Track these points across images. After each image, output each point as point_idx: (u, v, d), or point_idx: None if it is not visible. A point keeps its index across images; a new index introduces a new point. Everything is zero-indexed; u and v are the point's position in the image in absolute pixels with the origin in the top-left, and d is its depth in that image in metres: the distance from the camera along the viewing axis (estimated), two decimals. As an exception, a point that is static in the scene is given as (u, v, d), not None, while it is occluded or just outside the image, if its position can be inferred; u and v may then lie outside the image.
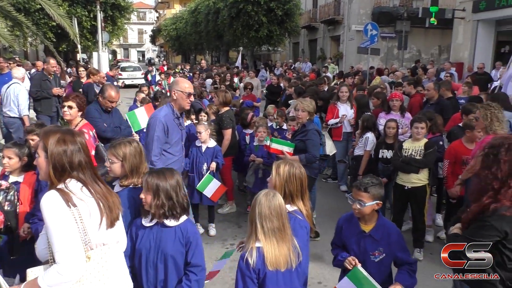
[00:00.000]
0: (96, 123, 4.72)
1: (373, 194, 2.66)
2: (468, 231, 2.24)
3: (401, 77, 11.47)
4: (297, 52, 31.33)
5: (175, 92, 3.97)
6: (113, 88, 4.92)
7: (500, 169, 2.18)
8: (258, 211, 2.34)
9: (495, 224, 2.13)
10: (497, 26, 14.83)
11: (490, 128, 4.42)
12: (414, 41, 21.09)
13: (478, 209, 2.20)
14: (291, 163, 2.83)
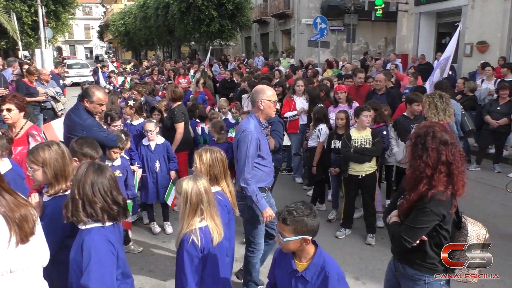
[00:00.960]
0: (105, 134, 4.21)
1: (295, 228, 2.17)
2: (409, 219, 2.34)
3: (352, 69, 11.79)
4: (250, 46, 31.40)
5: (262, 101, 3.58)
6: (99, 89, 4.32)
7: (430, 157, 2.30)
8: (192, 193, 2.45)
9: (434, 209, 2.26)
10: (438, 18, 15.60)
11: (435, 116, 4.67)
12: (362, 33, 21.73)
13: (416, 197, 2.31)
14: (211, 149, 3.06)
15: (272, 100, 3.60)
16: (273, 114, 3.71)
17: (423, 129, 2.37)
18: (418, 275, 2.44)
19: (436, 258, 2.43)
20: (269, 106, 3.60)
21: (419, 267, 2.42)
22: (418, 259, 2.42)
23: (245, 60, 22.13)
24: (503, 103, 7.61)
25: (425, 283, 2.42)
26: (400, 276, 2.56)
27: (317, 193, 6.09)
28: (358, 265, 4.53)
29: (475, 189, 6.83)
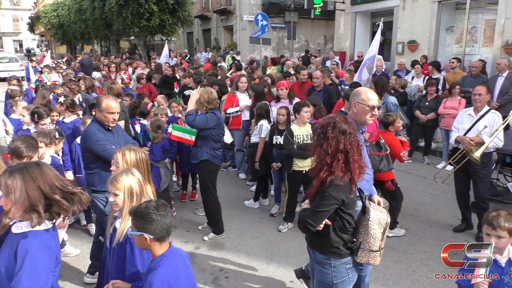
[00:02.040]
0: (104, 148, 3.75)
1: (137, 223, 2.15)
2: (313, 204, 2.51)
3: (292, 66, 12.04)
4: (192, 42, 30.97)
5: (356, 104, 3.32)
6: (109, 97, 3.94)
7: (329, 145, 2.49)
8: (135, 186, 2.45)
9: (333, 194, 2.43)
10: (372, 18, 16.31)
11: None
12: (302, 31, 22.22)
13: (319, 183, 2.49)
14: (135, 149, 2.96)
15: (367, 105, 3.22)
16: (368, 120, 3.30)
17: (326, 120, 2.55)
18: (325, 259, 2.59)
19: (340, 242, 2.60)
20: (363, 110, 3.23)
21: (326, 251, 2.58)
22: (324, 243, 2.57)
23: (187, 56, 21.81)
24: (430, 99, 8.15)
25: (331, 267, 2.59)
26: (312, 261, 2.74)
27: (260, 188, 6.17)
28: (301, 257, 4.66)
29: (406, 180, 7.28)
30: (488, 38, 11.93)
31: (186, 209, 6.12)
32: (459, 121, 5.20)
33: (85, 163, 3.93)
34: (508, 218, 2.58)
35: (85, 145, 3.83)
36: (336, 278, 2.60)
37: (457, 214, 5.49)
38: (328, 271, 2.61)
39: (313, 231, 2.50)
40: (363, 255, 2.64)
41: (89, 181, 3.93)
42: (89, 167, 3.89)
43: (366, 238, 2.61)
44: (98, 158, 3.78)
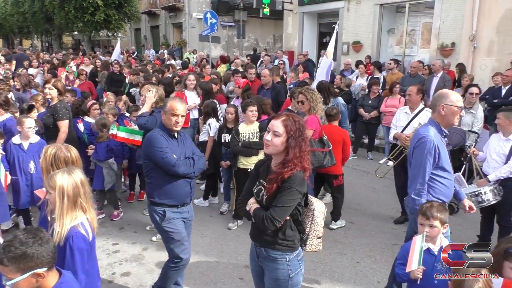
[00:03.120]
0: (163, 155, 3.36)
1: (18, 266, 1.83)
2: (277, 201, 2.46)
3: (241, 65, 12.09)
4: (139, 38, 30.19)
5: (444, 106, 3.21)
6: (175, 98, 3.60)
7: (305, 145, 2.54)
8: (68, 187, 2.35)
9: (298, 188, 2.47)
10: (319, 19, 16.76)
11: (314, 109, 5.06)
12: (251, 30, 22.36)
13: (281, 180, 2.47)
14: (59, 146, 2.81)
15: (456, 106, 3.18)
16: (455, 122, 3.28)
17: (297, 120, 2.53)
18: (281, 255, 2.60)
19: (295, 235, 2.64)
20: (451, 112, 3.19)
21: (281, 246, 2.59)
22: (280, 239, 2.58)
23: (135, 53, 21.24)
24: (373, 97, 8.52)
25: (287, 261, 2.62)
26: (263, 260, 2.68)
27: (210, 186, 6.16)
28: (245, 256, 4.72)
29: (351, 175, 7.56)
30: (426, 40, 12.65)
31: (133, 209, 5.99)
32: (396, 118, 5.49)
33: (145, 171, 3.60)
34: (440, 208, 2.77)
35: (146, 150, 3.50)
36: (292, 271, 2.64)
37: (398, 207, 5.79)
38: (283, 266, 2.62)
39: (273, 229, 2.50)
40: (311, 244, 2.75)
41: (148, 191, 3.68)
42: (148, 175, 3.57)
43: (313, 227, 2.73)
44: (157, 166, 3.45)
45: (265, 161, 2.71)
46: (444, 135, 3.35)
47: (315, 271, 4.38)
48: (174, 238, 3.54)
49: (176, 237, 3.54)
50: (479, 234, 4.93)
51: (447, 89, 8.37)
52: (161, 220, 3.49)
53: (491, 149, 4.79)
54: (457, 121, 3.31)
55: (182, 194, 3.52)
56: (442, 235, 2.83)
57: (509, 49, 10.07)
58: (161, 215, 3.49)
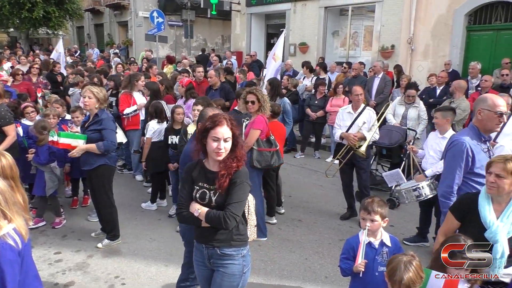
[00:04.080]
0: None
1: None
2: (232, 197, 2.50)
3: (189, 65, 11.96)
4: (82, 37, 28.97)
5: (481, 110, 3.12)
6: (215, 110, 3.40)
7: (240, 140, 2.64)
8: None
9: (247, 181, 2.55)
10: (267, 20, 16.97)
11: (264, 109, 5.11)
12: (199, 30, 22.19)
13: (231, 176, 2.53)
14: (2, 153, 2.61)
15: (495, 111, 3.09)
16: (495, 127, 3.23)
17: (233, 123, 2.59)
18: (236, 251, 2.62)
19: (245, 229, 2.71)
20: (488, 118, 3.13)
21: (237, 242, 2.62)
22: (235, 234, 2.60)
23: (77, 52, 20.36)
24: (319, 97, 8.76)
25: (242, 256, 2.66)
26: (217, 260, 2.65)
27: (157, 189, 6.04)
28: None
29: (300, 174, 7.73)
30: (368, 42, 13.21)
31: (77, 216, 5.74)
32: (340, 118, 5.68)
33: None
34: (380, 203, 2.90)
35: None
36: (245, 267, 2.67)
37: (344, 203, 5.98)
38: (239, 262, 2.64)
39: (237, 223, 2.54)
40: (250, 233, 2.83)
41: None
42: None
43: (250, 217, 2.84)
44: None
45: (196, 165, 2.68)
46: (484, 140, 3.30)
47: (265, 270, 4.43)
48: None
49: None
50: (418, 226, 5.22)
51: (388, 89, 8.87)
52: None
53: (429, 146, 5.09)
54: (498, 127, 3.30)
55: None
56: (383, 230, 2.96)
57: (443, 52, 10.76)
58: None
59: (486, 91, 7.36)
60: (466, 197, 2.85)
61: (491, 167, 2.58)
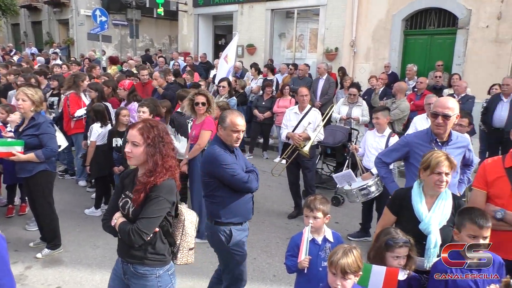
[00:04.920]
0: (233, 172, 3.17)
1: None
2: (144, 212, 2.35)
3: (134, 66, 11.67)
4: (18, 35, 27.29)
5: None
6: (234, 112, 3.31)
7: (161, 150, 2.43)
8: None
9: (167, 197, 2.40)
10: (214, 21, 16.91)
11: (211, 110, 5.10)
12: (146, 30, 21.66)
13: (148, 189, 2.37)
14: None
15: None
16: (435, 129, 3.32)
17: (153, 128, 2.43)
18: (150, 271, 2.47)
19: (166, 248, 2.53)
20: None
21: (151, 261, 2.46)
22: (150, 253, 2.45)
23: (12, 51, 19.17)
24: (267, 98, 8.88)
25: (156, 277, 2.48)
26: (130, 278, 2.52)
27: (101, 194, 5.84)
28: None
29: (249, 175, 7.78)
30: (313, 45, 13.56)
31: (13, 225, 5.41)
32: (287, 118, 5.81)
33: (207, 191, 3.32)
34: (322, 201, 2.99)
35: (209, 169, 3.23)
36: (161, 287, 2.52)
37: (291, 202, 6.11)
38: (153, 283, 2.48)
39: (141, 243, 2.37)
40: (183, 256, 2.66)
41: (212, 211, 3.34)
42: (212, 195, 3.29)
43: (184, 239, 2.65)
44: (224, 185, 3.21)
45: (131, 172, 2.59)
46: (433, 140, 3.40)
47: (213, 272, 4.42)
48: (239, 261, 3.39)
49: (241, 259, 3.40)
50: (361, 222, 5.44)
51: (332, 90, 9.16)
52: (227, 241, 3.28)
53: (369, 145, 5.33)
54: (438, 130, 3.36)
55: (248, 210, 3.39)
56: (326, 227, 3.06)
57: (383, 55, 11.30)
58: (227, 235, 3.28)
59: (422, 92, 7.84)
60: (400, 192, 3.01)
61: (439, 167, 2.65)
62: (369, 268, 2.48)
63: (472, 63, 9.80)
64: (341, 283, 2.25)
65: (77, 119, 6.63)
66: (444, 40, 10.61)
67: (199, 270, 4.44)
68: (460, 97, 7.34)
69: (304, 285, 2.89)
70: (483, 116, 7.48)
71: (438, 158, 2.68)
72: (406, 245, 2.53)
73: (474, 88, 8.30)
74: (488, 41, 9.56)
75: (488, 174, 2.92)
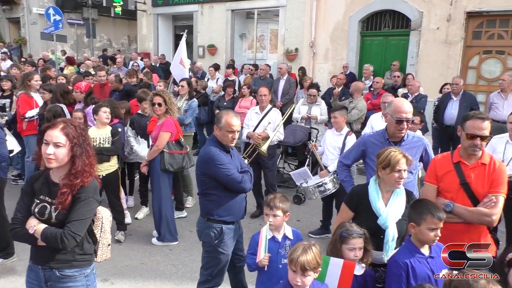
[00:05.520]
0: (228, 172, 3.27)
1: None
2: (75, 214, 2.30)
3: (92, 66, 11.34)
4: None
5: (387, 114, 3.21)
6: (229, 113, 3.37)
7: (85, 151, 2.37)
8: None
9: (95, 197, 2.39)
10: (174, 21, 16.69)
11: (171, 111, 5.05)
12: (103, 29, 21.08)
13: (76, 191, 2.32)
14: None
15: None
16: (395, 132, 3.40)
17: (77, 128, 2.37)
18: (78, 271, 2.43)
19: (91, 248, 2.53)
20: (390, 122, 3.35)
21: (79, 262, 2.44)
22: (78, 254, 2.42)
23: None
24: (228, 99, 8.87)
25: (85, 277, 2.47)
26: (55, 283, 2.42)
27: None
28: (105, 266, 4.47)
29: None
30: (274, 45, 13.69)
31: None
32: (248, 118, 5.85)
33: (202, 189, 3.42)
34: (282, 199, 3.04)
35: (204, 168, 3.32)
36: (90, 286, 2.49)
37: (253, 201, 6.13)
38: (82, 283, 2.44)
39: (77, 243, 2.32)
40: (102, 253, 2.66)
41: (205, 209, 3.44)
42: (207, 193, 3.39)
43: (103, 236, 2.65)
44: (219, 184, 3.30)
45: (39, 176, 2.45)
46: (387, 140, 3.49)
47: (176, 274, 4.39)
48: (221, 260, 3.42)
49: (224, 258, 3.43)
50: (321, 219, 5.55)
51: (293, 90, 9.28)
52: (216, 238, 3.35)
53: (328, 143, 5.46)
54: (398, 132, 3.44)
55: (240, 209, 3.48)
56: (286, 224, 3.12)
57: (341, 56, 11.59)
58: (217, 233, 3.35)
59: (378, 92, 8.11)
60: (357, 189, 3.11)
61: (399, 165, 2.74)
62: (327, 261, 2.55)
63: (425, 63, 10.24)
64: (301, 280, 2.31)
65: (28, 120, 6.35)
66: (398, 41, 11.01)
67: (161, 273, 4.39)
68: (414, 96, 7.65)
69: (265, 283, 2.93)
70: (435, 114, 7.83)
71: (396, 156, 2.77)
72: (360, 236, 2.62)
73: (426, 87, 8.67)
74: (439, 42, 10.02)
75: (438, 169, 3.07)
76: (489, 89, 9.48)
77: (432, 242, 2.54)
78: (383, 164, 2.81)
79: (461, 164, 2.96)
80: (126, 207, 5.66)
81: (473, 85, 9.99)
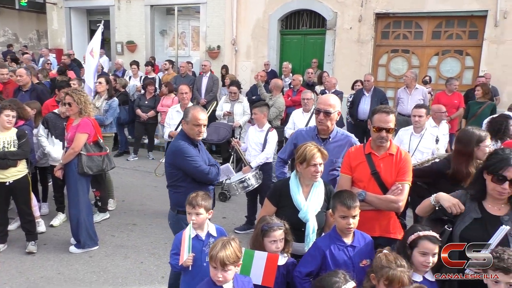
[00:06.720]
0: (196, 164, 3.42)
1: None
2: None
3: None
4: None
5: None
6: (196, 108, 3.58)
7: None
8: None
9: None
10: (89, 16, 15.77)
11: (85, 111, 4.78)
12: (8, 23, 19.26)
13: None
14: None
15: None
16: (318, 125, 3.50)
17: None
18: None
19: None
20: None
21: None
22: None
23: None
24: (149, 97, 8.63)
25: None
26: None
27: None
28: (17, 279, 4.14)
29: (133, 177, 7.52)
30: (196, 42, 13.55)
31: None
32: (169, 117, 5.76)
33: (171, 181, 3.55)
34: (204, 197, 3.03)
35: (173, 160, 3.47)
36: None
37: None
38: None
39: None
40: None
41: (175, 201, 3.54)
42: (176, 186, 3.52)
43: None
44: (187, 176, 3.44)
45: None
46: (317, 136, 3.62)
47: (97, 281, 4.19)
48: None
49: None
50: (246, 215, 5.64)
51: (216, 87, 9.27)
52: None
53: (250, 140, 5.55)
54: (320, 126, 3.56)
55: None
56: (209, 222, 3.11)
57: (262, 53, 11.81)
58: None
59: (298, 89, 8.40)
60: (279, 184, 3.21)
61: (314, 160, 2.85)
62: (252, 254, 2.61)
63: (340, 61, 10.81)
64: (222, 275, 2.32)
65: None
66: (315, 40, 11.49)
67: (80, 282, 4.17)
68: (330, 92, 8.05)
69: (189, 282, 2.90)
70: (349, 110, 8.31)
71: (312, 151, 2.89)
72: (280, 229, 2.70)
73: (342, 84, 9.15)
74: (352, 41, 10.64)
75: (351, 160, 3.27)
76: (397, 85, 10.27)
77: (346, 230, 2.69)
78: (300, 159, 2.93)
79: (371, 155, 3.18)
80: (39, 214, 5.28)
81: (383, 81, 10.79)
